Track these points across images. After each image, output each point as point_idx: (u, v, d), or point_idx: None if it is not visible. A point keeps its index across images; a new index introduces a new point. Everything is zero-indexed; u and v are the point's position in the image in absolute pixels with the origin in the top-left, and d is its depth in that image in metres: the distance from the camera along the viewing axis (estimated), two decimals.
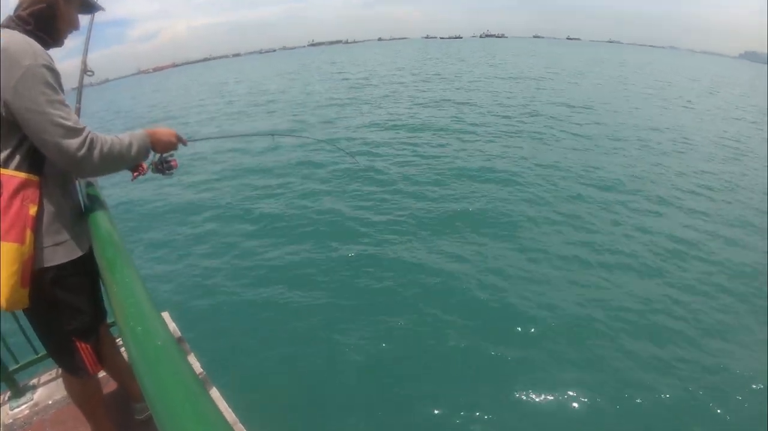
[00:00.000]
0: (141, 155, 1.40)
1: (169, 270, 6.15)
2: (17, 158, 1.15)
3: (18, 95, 1.06)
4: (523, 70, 35.57)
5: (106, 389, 2.03)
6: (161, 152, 1.55)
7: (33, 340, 1.96)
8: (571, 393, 3.84)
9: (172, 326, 2.47)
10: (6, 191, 1.11)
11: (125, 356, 1.73)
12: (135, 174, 1.67)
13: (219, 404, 2.01)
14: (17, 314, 1.83)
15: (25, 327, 1.71)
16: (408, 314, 4.89)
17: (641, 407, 3.73)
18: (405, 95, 21.23)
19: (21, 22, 1.20)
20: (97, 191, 1.56)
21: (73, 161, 1.15)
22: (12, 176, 1.13)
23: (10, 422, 1.99)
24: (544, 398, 3.80)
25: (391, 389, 3.93)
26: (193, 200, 8.91)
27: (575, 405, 3.74)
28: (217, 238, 7.06)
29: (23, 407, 2.07)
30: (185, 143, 1.62)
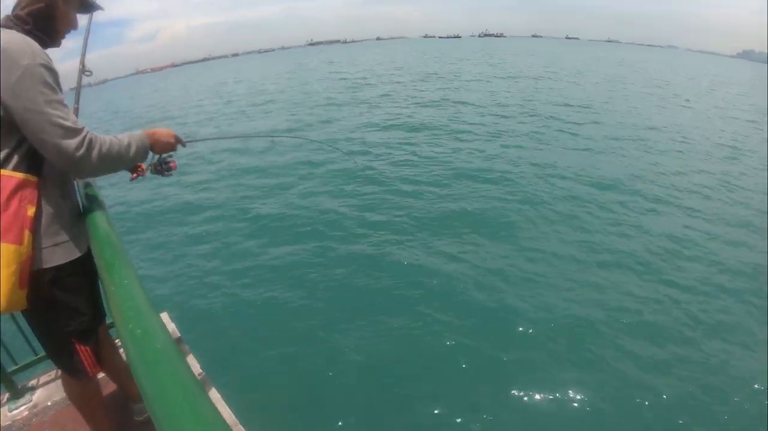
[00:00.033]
0: (139, 156, 1.39)
1: (168, 270, 6.14)
2: (15, 159, 1.15)
3: (16, 95, 1.06)
4: (522, 69, 35.57)
5: (105, 390, 2.03)
6: (160, 153, 1.54)
7: (32, 341, 1.95)
8: (571, 393, 3.83)
9: (171, 326, 2.46)
10: (4, 192, 1.11)
11: (124, 357, 1.73)
12: (134, 175, 1.67)
13: (218, 405, 2.01)
14: (16, 315, 1.82)
15: (24, 328, 1.70)
16: (407, 314, 4.89)
17: (641, 407, 3.72)
18: (403, 95, 21.19)
19: (19, 21, 1.19)
20: (96, 192, 1.56)
21: (72, 162, 1.14)
22: (10, 176, 1.12)
23: (8, 424, 1.98)
24: (543, 398, 3.80)
25: (391, 389, 3.92)
26: (192, 200, 8.89)
27: (575, 405, 3.73)
28: (216, 238, 7.04)
29: (22, 408, 2.06)
30: (184, 144, 1.62)
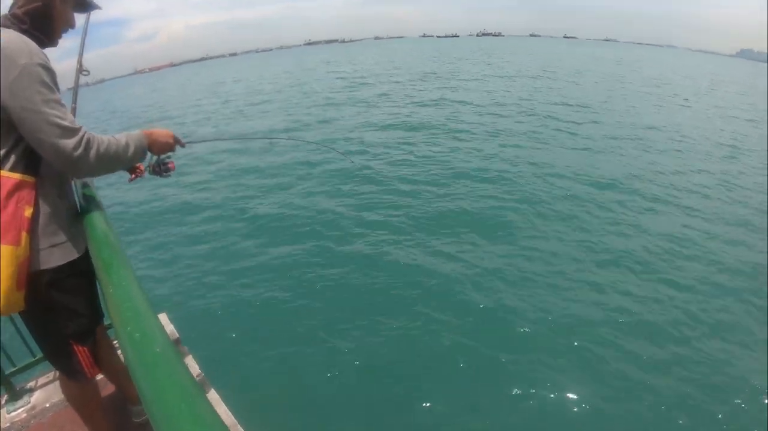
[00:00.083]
0: (137, 156, 1.38)
1: (167, 271, 6.12)
2: (12, 159, 1.14)
3: (13, 94, 1.05)
4: (520, 68, 35.57)
5: (103, 392, 2.02)
6: (158, 154, 1.53)
7: (30, 343, 1.94)
8: (570, 393, 3.83)
9: (169, 327, 2.45)
10: (1, 193, 1.10)
11: (122, 358, 1.72)
12: (132, 176, 1.66)
13: (217, 405, 2.00)
14: (13, 316, 1.81)
15: (22, 329, 1.69)
16: (406, 314, 4.88)
17: (640, 407, 3.72)
18: (401, 94, 21.19)
19: (16, 20, 1.18)
20: (93, 192, 1.55)
21: (69, 161, 1.13)
22: (7, 177, 1.11)
23: (7, 426, 1.97)
24: (542, 398, 3.80)
25: (390, 389, 3.92)
26: (190, 200, 8.87)
27: (574, 405, 3.73)
28: (215, 238, 7.03)
29: (20, 410, 2.05)
30: (183, 145, 1.61)
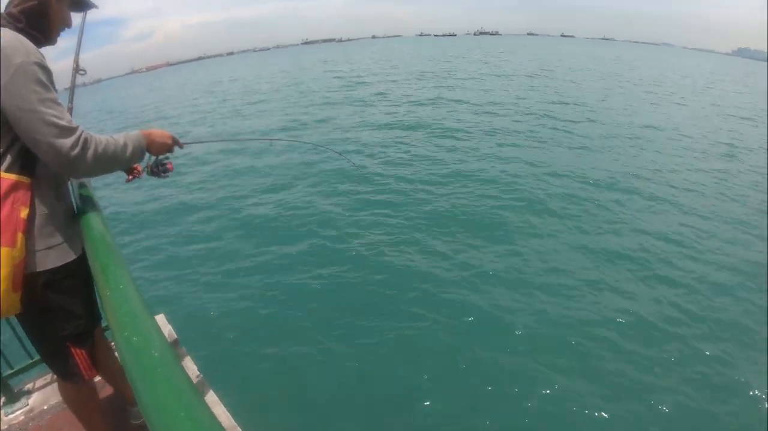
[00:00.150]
0: (136, 156, 1.37)
1: (165, 271, 6.10)
2: (8, 160, 1.12)
3: (9, 94, 1.04)
4: (517, 67, 35.60)
5: (101, 393, 2.00)
6: (156, 154, 1.52)
7: (27, 344, 1.93)
8: (569, 393, 3.83)
9: (168, 328, 2.43)
10: None
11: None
12: (130, 177, 1.65)
13: (216, 407, 1.99)
14: (10, 318, 1.80)
15: (19, 331, 1.68)
16: (405, 314, 4.88)
17: (640, 407, 3.72)
18: (398, 93, 21.19)
19: (12, 19, 1.17)
20: (90, 192, 1.53)
21: (66, 161, 1.12)
22: (3, 178, 1.10)
23: (5, 428, 1.96)
24: (542, 398, 3.79)
25: (391, 389, 3.92)
26: (187, 201, 8.84)
27: (573, 405, 3.72)
28: (212, 239, 7.01)
29: (18, 413, 2.03)
30: (181, 146, 1.60)
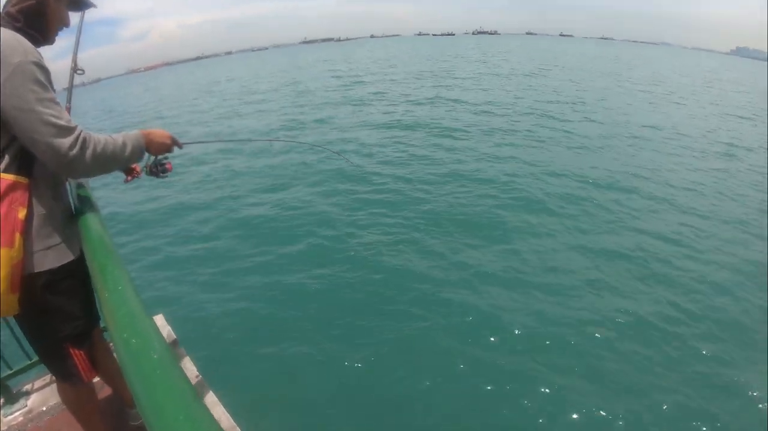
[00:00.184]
0: (135, 156, 1.37)
1: (164, 272, 6.08)
2: (6, 160, 1.12)
3: (7, 94, 1.03)
4: (515, 67, 35.61)
5: (100, 395, 2.00)
6: (155, 154, 1.51)
7: (26, 345, 1.92)
8: (568, 395, 3.81)
9: (167, 329, 2.43)
10: None
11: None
12: (129, 177, 1.65)
13: (216, 408, 1.99)
14: (9, 318, 1.79)
15: (17, 331, 1.67)
16: (405, 314, 4.87)
17: (639, 407, 3.70)
18: (396, 93, 21.17)
19: (10, 18, 1.16)
20: (89, 193, 1.52)
21: (65, 161, 1.11)
22: (0, 178, 1.09)
23: (4, 429, 1.95)
24: (542, 398, 3.78)
25: (390, 389, 3.91)
26: (186, 201, 8.82)
27: (573, 405, 3.71)
28: (211, 239, 6.99)
29: (17, 414, 2.03)
30: (180, 146, 1.59)
